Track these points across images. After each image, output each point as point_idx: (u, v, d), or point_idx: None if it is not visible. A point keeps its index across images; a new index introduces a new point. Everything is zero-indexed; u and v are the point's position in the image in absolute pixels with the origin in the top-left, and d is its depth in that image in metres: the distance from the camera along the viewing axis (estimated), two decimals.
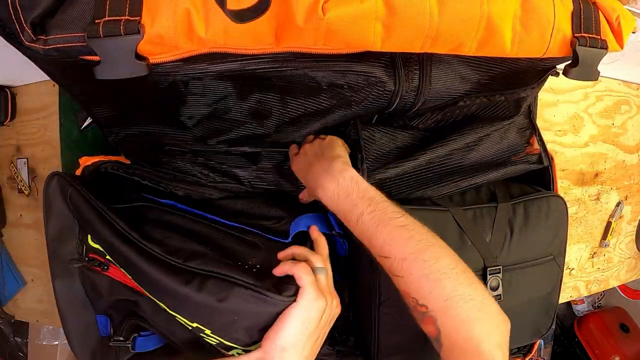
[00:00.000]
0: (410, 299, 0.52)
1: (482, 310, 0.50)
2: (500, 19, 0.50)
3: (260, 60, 0.51)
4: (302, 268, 0.53)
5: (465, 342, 0.49)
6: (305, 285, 0.52)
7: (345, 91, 0.58)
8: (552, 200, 0.75)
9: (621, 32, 0.58)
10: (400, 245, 0.52)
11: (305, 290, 0.52)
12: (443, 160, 0.70)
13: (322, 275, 0.55)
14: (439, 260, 0.51)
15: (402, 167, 0.67)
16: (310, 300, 0.52)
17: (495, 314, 0.51)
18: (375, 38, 0.47)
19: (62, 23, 0.42)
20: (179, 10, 0.42)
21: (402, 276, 0.52)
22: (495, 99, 0.67)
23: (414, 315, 0.53)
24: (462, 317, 0.49)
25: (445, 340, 0.50)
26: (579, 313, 2.01)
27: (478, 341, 0.49)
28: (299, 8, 0.43)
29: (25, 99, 0.94)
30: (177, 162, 0.65)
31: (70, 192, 0.59)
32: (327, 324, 0.55)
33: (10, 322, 1.38)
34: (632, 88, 1.17)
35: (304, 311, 0.51)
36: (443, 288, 0.50)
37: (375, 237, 0.53)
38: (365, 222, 0.53)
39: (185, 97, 0.57)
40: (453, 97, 0.64)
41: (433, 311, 0.50)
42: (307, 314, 0.51)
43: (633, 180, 1.22)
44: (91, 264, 0.62)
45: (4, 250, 1.02)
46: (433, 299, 0.50)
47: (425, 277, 0.50)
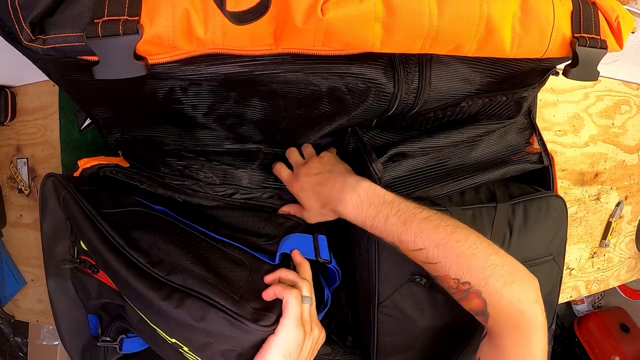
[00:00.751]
0: (451, 281, 0.56)
1: (513, 273, 0.55)
2: (499, 19, 0.50)
3: (259, 61, 0.51)
4: (294, 294, 0.53)
5: (509, 305, 0.54)
6: (289, 314, 0.52)
7: (344, 94, 0.58)
8: (552, 200, 0.75)
9: (621, 32, 0.58)
10: (431, 235, 0.56)
11: (287, 320, 0.51)
12: (445, 159, 0.70)
13: (308, 304, 0.55)
14: (468, 238, 0.56)
15: (406, 167, 0.67)
16: (290, 332, 0.51)
17: (525, 273, 0.56)
18: (375, 39, 0.47)
19: (61, 22, 0.42)
20: (178, 10, 0.42)
21: (440, 261, 0.55)
22: (497, 99, 0.67)
23: (456, 296, 0.57)
24: (501, 282, 0.54)
25: (491, 310, 0.54)
26: (579, 313, 2.01)
27: (519, 301, 0.53)
28: (298, 9, 0.43)
29: (25, 99, 0.94)
30: (176, 164, 0.65)
31: (63, 194, 0.59)
32: (310, 354, 0.55)
33: (10, 322, 1.39)
34: (632, 88, 1.17)
35: (284, 343, 0.51)
36: (478, 261, 0.54)
37: (406, 233, 0.56)
38: (393, 222, 0.57)
39: (184, 98, 0.57)
40: (453, 98, 0.64)
41: (476, 285, 0.54)
42: (287, 346, 0.51)
43: (633, 180, 1.22)
44: (82, 266, 0.62)
45: (4, 250, 1.02)
46: (473, 274, 0.54)
47: (461, 256, 0.55)
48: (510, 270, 0.55)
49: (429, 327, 0.67)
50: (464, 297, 0.56)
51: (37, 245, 0.98)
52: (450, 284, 0.56)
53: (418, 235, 0.56)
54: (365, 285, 0.66)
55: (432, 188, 0.69)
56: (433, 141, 0.66)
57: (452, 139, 0.67)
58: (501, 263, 0.55)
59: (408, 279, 0.64)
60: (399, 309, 0.65)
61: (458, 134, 0.67)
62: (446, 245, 0.55)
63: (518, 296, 0.54)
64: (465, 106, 0.65)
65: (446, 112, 0.65)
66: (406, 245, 0.57)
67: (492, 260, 0.55)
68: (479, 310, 0.55)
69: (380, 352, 0.68)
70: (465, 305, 0.57)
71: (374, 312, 0.66)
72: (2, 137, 0.99)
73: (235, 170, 0.66)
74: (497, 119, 0.70)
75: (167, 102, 0.58)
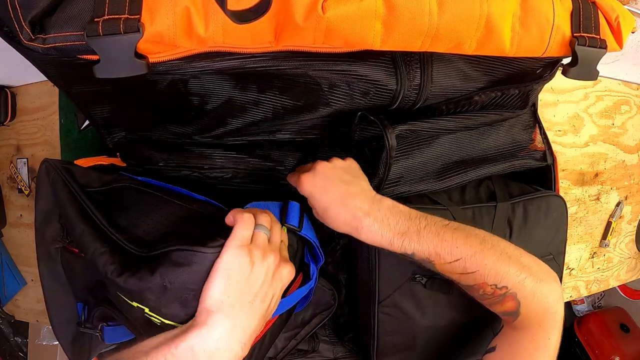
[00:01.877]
0: (488, 287, 0.56)
1: (540, 272, 0.57)
2: (499, 18, 0.50)
3: (260, 58, 0.51)
4: (244, 217, 0.49)
5: (539, 303, 0.55)
6: (233, 235, 0.47)
7: (346, 91, 0.58)
8: (552, 200, 0.75)
9: (620, 31, 0.58)
10: (465, 244, 0.55)
11: (229, 242, 0.47)
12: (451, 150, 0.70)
13: (262, 232, 0.50)
14: (498, 244, 0.57)
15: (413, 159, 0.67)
16: (232, 253, 0.46)
17: (549, 271, 0.58)
18: (375, 37, 0.47)
19: (61, 22, 0.41)
20: (179, 8, 0.42)
21: (478, 270, 0.55)
22: (509, 92, 0.67)
23: (490, 301, 0.57)
24: (533, 283, 0.55)
25: (523, 310, 0.56)
26: (579, 313, 2.01)
27: (547, 299, 0.56)
28: (298, 6, 0.43)
29: (25, 99, 0.94)
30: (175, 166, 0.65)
31: (53, 175, 0.59)
32: (268, 285, 0.49)
33: (10, 322, 1.38)
34: (632, 88, 1.18)
35: (225, 265, 0.46)
36: (513, 265, 0.55)
37: (442, 245, 0.55)
38: (426, 236, 0.56)
39: (185, 97, 0.57)
40: (454, 94, 0.64)
41: (513, 287, 0.55)
42: (229, 269, 0.46)
43: (633, 180, 1.22)
44: (70, 245, 0.62)
45: (4, 250, 1.02)
46: (510, 277, 0.55)
47: (498, 262, 0.55)
48: (538, 269, 0.57)
49: (430, 326, 0.67)
50: (498, 302, 0.57)
51: None
52: (487, 290, 0.56)
53: (454, 246, 0.55)
54: (366, 285, 0.66)
55: (437, 181, 0.69)
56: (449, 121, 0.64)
57: (467, 121, 0.66)
58: (530, 264, 0.56)
59: (408, 278, 0.64)
60: (399, 309, 0.65)
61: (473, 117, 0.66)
62: (482, 252, 0.55)
63: (547, 293, 0.55)
64: (477, 99, 0.65)
65: (458, 105, 0.65)
66: (443, 257, 0.56)
67: (523, 262, 0.56)
68: (512, 311, 0.56)
69: (380, 351, 0.68)
70: (497, 308, 0.57)
71: (375, 311, 0.66)
72: (2, 137, 0.99)
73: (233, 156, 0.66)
74: (508, 109, 0.70)
75: (167, 100, 0.58)
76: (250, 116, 0.61)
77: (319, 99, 0.59)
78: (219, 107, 0.59)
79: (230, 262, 0.46)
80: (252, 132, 0.64)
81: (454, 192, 0.72)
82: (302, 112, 0.61)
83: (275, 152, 0.67)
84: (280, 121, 0.62)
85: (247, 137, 0.65)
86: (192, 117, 0.62)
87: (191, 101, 0.58)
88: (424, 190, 0.69)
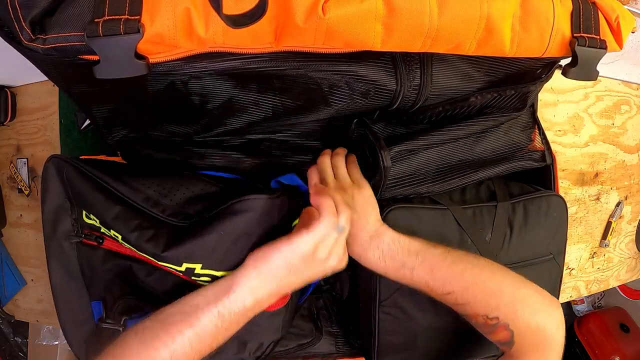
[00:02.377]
0: (479, 318, 0.58)
1: (539, 301, 0.58)
2: (499, 19, 0.50)
3: (260, 58, 0.51)
4: (331, 208, 0.54)
5: (534, 333, 0.56)
6: (313, 230, 0.52)
7: (346, 91, 0.58)
8: (552, 200, 0.75)
9: (620, 32, 0.58)
10: (459, 279, 0.57)
11: (321, 220, 0.53)
12: (450, 154, 0.70)
13: (338, 233, 0.55)
14: (494, 277, 0.58)
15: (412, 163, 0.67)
16: (303, 240, 0.52)
17: (549, 299, 0.59)
18: (375, 38, 0.47)
19: (62, 22, 0.41)
20: (179, 9, 0.42)
21: (469, 302, 0.57)
22: (505, 93, 0.67)
23: (484, 330, 0.58)
24: (528, 314, 0.56)
25: (518, 339, 0.56)
26: (579, 313, 2.01)
27: (544, 328, 0.56)
28: (299, 8, 0.43)
29: (25, 99, 0.94)
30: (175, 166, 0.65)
31: (67, 169, 0.60)
32: (312, 276, 0.55)
33: (10, 322, 1.38)
34: (632, 88, 1.17)
35: (316, 234, 0.52)
36: (506, 296, 0.57)
37: (434, 281, 0.58)
38: (420, 273, 0.58)
39: (185, 97, 0.57)
40: (454, 94, 0.64)
41: (504, 319, 0.56)
42: (291, 253, 0.52)
43: (633, 180, 1.22)
44: (87, 239, 0.62)
45: (4, 250, 1.02)
46: (502, 309, 0.56)
47: (489, 294, 0.57)
48: (536, 299, 0.58)
49: (430, 326, 0.67)
50: (490, 332, 0.58)
51: (37, 245, 0.98)
52: (479, 320, 0.58)
53: (447, 282, 0.57)
54: (366, 284, 0.66)
55: (436, 183, 0.69)
56: (441, 134, 0.66)
57: (460, 132, 0.67)
58: (528, 294, 0.58)
59: None
60: (399, 308, 0.65)
61: (466, 127, 0.67)
62: (475, 286, 0.57)
63: (544, 323, 0.56)
64: (474, 100, 0.65)
65: (455, 106, 0.65)
66: (435, 291, 0.58)
67: (519, 294, 0.57)
68: (506, 341, 0.57)
69: (381, 351, 0.68)
70: (492, 337, 0.58)
71: (375, 311, 0.66)
72: (2, 137, 0.99)
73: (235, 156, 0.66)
74: (504, 111, 0.70)
75: (167, 100, 0.58)
76: (251, 116, 0.61)
77: (319, 99, 0.59)
78: (219, 107, 0.59)
79: (321, 233, 0.52)
80: (253, 132, 0.64)
81: (454, 192, 0.72)
82: (303, 112, 0.61)
83: (276, 152, 0.67)
84: (281, 121, 0.62)
85: (248, 136, 0.65)
86: (193, 117, 0.62)
87: (192, 101, 0.58)
88: (420, 193, 0.69)
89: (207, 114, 0.61)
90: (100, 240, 0.62)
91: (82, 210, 0.62)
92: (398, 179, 0.66)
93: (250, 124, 0.62)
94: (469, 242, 0.68)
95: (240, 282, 0.51)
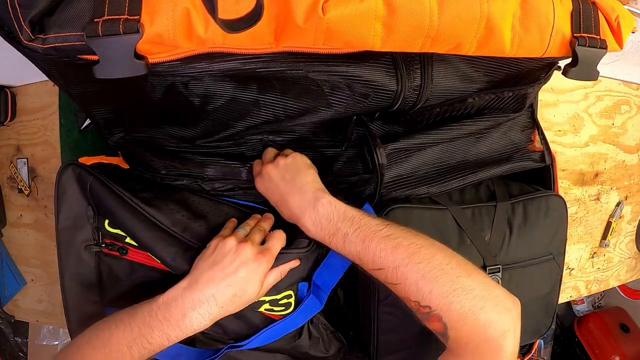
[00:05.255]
0: (412, 303, 0.53)
1: (485, 298, 0.51)
2: (500, 19, 0.50)
3: (260, 59, 0.51)
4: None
5: (472, 331, 0.50)
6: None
7: (347, 93, 0.58)
8: (552, 200, 0.75)
9: (620, 32, 0.58)
10: (390, 255, 0.53)
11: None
12: (448, 155, 0.70)
13: (241, 230, 0.59)
14: (432, 259, 0.52)
15: (410, 164, 0.67)
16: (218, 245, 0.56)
17: (501, 298, 0.52)
18: (375, 38, 0.47)
19: (61, 22, 0.41)
20: (179, 9, 0.42)
21: (399, 283, 0.53)
22: (503, 95, 0.67)
23: (418, 316, 0.54)
24: (466, 308, 0.50)
25: (452, 333, 0.51)
26: (579, 313, 2.01)
27: (485, 328, 0.50)
28: (298, 8, 0.43)
29: (25, 99, 0.94)
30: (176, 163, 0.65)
31: (91, 181, 0.60)
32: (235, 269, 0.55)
33: (10, 322, 1.39)
34: (632, 88, 1.17)
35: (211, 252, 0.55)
36: (442, 285, 0.51)
37: (365, 252, 0.54)
38: (352, 241, 0.55)
39: (185, 97, 0.57)
40: (454, 94, 0.64)
41: (437, 309, 0.51)
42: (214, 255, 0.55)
43: (633, 180, 1.22)
44: (109, 249, 0.62)
45: (4, 250, 1.02)
46: (434, 298, 0.51)
47: (422, 279, 0.52)
48: (481, 295, 0.51)
49: None
50: (424, 319, 0.54)
51: (37, 245, 0.98)
52: (411, 305, 0.54)
53: (377, 255, 0.53)
54: (366, 283, 0.66)
55: (435, 184, 0.69)
56: (438, 133, 0.66)
57: (458, 131, 0.67)
58: (471, 287, 0.51)
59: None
60: (399, 307, 0.65)
61: (464, 126, 0.67)
62: (406, 266, 0.52)
63: (485, 323, 0.50)
64: (472, 102, 0.65)
65: (453, 107, 0.65)
66: (366, 264, 0.55)
67: (459, 283, 0.51)
68: (440, 332, 0.53)
69: (380, 350, 0.68)
70: (427, 325, 0.55)
71: (375, 310, 0.66)
72: (2, 137, 0.99)
73: (235, 166, 0.66)
74: (503, 112, 0.70)
75: (167, 100, 0.58)
76: (252, 118, 0.61)
77: (319, 101, 0.59)
78: (220, 109, 0.59)
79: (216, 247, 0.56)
80: (253, 134, 0.64)
81: (454, 192, 0.72)
82: (303, 114, 0.61)
83: None
84: (282, 123, 0.62)
85: (248, 137, 0.65)
86: (193, 119, 0.62)
87: (192, 102, 0.58)
88: (419, 194, 0.69)
89: (208, 116, 0.61)
90: (124, 251, 0.62)
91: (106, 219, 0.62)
92: (396, 180, 0.66)
93: (251, 126, 0.62)
94: (468, 242, 0.68)
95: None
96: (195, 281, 0.53)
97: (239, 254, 0.54)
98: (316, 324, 0.68)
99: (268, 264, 0.56)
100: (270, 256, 0.56)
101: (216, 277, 0.53)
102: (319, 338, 0.68)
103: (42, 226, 0.96)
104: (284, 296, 0.63)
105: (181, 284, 0.53)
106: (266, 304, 0.62)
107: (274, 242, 0.58)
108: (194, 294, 0.52)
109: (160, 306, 0.52)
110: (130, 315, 0.53)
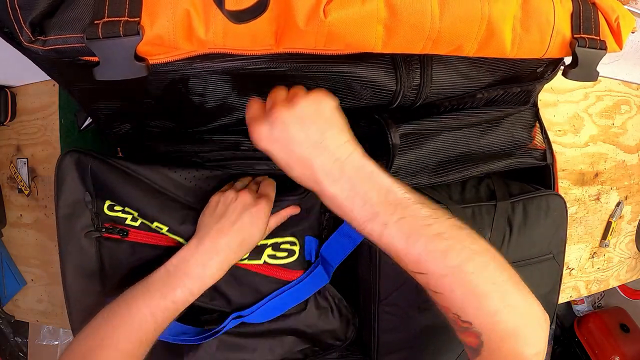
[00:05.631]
0: (451, 314, 0.47)
1: (526, 316, 0.46)
2: (500, 20, 0.50)
3: (260, 59, 0.51)
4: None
5: (509, 352, 0.45)
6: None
7: (346, 92, 0.58)
8: (552, 199, 0.75)
9: (620, 32, 0.58)
10: (439, 260, 0.45)
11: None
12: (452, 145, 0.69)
13: (238, 183, 0.62)
14: (484, 270, 0.45)
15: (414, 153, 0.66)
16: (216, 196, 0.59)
17: (538, 317, 0.47)
18: (377, 40, 0.47)
19: (61, 24, 0.41)
20: (179, 11, 0.42)
21: (442, 293, 0.46)
22: (511, 90, 0.67)
23: (452, 326, 0.48)
24: (509, 328, 0.45)
25: (485, 352, 0.46)
26: (579, 313, 2.01)
27: (522, 349, 0.45)
28: (300, 10, 0.43)
29: (25, 99, 0.94)
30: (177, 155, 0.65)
31: (91, 162, 0.60)
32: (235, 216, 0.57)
33: (10, 322, 1.39)
34: (632, 88, 1.17)
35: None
36: (491, 301, 0.45)
37: (408, 252, 0.45)
38: (392, 234, 0.45)
39: (185, 97, 0.57)
40: (456, 92, 0.64)
41: (478, 327, 0.45)
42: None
43: (633, 180, 1.22)
44: (109, 233, 0.62)
45: (4, 250, 1.02)
46: (480, 316, 0.45)
47: (470, 293, 0.44)
48: (523, 313, 0.46)
49: (430, 325, 0.67)
50: (459, 330, 0.48)
51: (37, 245, 0.98)
52: (449, 316, 0.47)
53: (422, 258, 0.45)
54: (366, 283, 0.66)
55: (435, 175, 0.69)
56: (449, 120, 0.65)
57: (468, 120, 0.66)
58: (518, 304, 0.46)
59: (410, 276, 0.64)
60: (400, 307, 0.65)
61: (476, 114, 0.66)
62: (454, 276, 0.44)
63: (524, 343, 0.45)
64: (481, 97, 0.65)
65: (462, 101, 0.65)
66: (405, 264, 0.47)
67: (509, 301, 0.45)
68: (472, 347, 0.47)
69: (381, 350, 0.68)
70: (460, 337, 0.48)
71: (375, 310, 0.66)
72: (2, 137, 0.99)
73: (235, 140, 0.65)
74: (511, 104, 0.70)
75: (167, 100, 0.58)
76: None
77: None
78: (219, 108, 0.59)
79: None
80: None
81: (454, 191, 0.72)
82: None
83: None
84: None
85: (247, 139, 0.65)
86: (192, 116, 0.62)
87: (191, 100, 0.58)
88: (419, 183, 0.69)
89: (207, 114, 0.61)
90: (124, 233, 0.62)
91: (105, 203, 0.62)
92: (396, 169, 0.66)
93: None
94: None
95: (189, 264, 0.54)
96: (207, 235, 0.55)
97: (240, 202, 0.57)
98: (323, 293, 0.68)
99: (268, 206, 0.58)
100: (268, 199, 0.59)
101: (224, 228, 0.55)
102: (327, 308, 0.68)
103: (42, 226, 0.96)
104: (287, 241, 0.64)
105: (191, 243, 0.56)
106: (269, 248, 0.63)
107: (264, 188, 0.60)
108: (209, 246, 0.55)
109: (177, 265, 0.54)
110: (144, 285, 0.54)
